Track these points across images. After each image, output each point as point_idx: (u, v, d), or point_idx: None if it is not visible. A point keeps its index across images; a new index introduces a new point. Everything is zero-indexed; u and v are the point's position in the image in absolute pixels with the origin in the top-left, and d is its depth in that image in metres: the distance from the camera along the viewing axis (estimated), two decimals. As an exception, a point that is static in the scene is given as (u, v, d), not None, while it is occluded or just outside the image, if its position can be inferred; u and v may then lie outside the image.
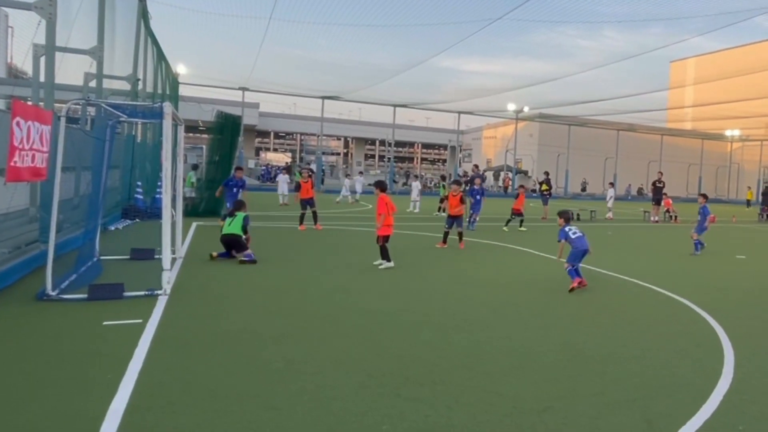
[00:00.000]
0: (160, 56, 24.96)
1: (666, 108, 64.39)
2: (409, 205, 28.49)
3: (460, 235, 15.39)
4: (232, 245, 11.89)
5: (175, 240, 11.03)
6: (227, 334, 6.67)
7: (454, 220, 15.27)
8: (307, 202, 17.92)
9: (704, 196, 17.33)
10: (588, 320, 8.13)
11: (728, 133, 60.85)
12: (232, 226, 11.99)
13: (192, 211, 19.71)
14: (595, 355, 6.55)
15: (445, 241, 15.17)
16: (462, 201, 15.53)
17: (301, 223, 17.76)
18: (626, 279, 11.58)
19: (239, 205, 12.67)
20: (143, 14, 20.17)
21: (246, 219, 12.20)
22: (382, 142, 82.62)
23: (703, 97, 63.79)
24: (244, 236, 12.00)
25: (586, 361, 6.30)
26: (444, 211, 23.20)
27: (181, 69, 36.74)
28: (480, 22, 26.32)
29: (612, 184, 30.81)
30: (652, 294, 10.28)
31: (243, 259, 11.53)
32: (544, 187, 27.65)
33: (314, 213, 17.98)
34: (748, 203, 50.91)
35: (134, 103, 14.81)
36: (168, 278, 8.46)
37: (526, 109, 50.14)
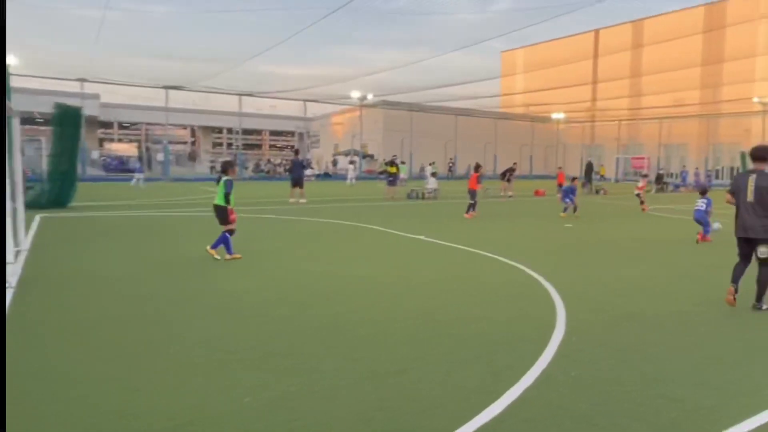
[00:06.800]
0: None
1: (499, 95, 71.77)
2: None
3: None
4: (217, 216, 10.79)
5: (17, 232, 10.92)
6: (79, 323, 6.67)
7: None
8: None
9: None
10: (438, 288, 8.75)
11: (554, 116, 66.68)
12: (217, 196, 10.69)
13: (35, 202, 19.37)
14: (445, 319, 7.06)
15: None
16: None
17: None
18: (472, 250, 12.40)
19: (225, 166, 11.20)
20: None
21: (227, 185, 10.56)
22: (230, 130, 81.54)
23: (531, 84, 70.77)
24: (227, 206, 10.59)
25: (438, 325, 6.79)
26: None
27: (11, 60, 34.96)
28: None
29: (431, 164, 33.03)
30: (494, 262, 11.15)
31: (208, 248, 10.61)
32: (392, 169, 29.11)
33: None
34: (602, 178, 55.12)
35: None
36: (13, 271, 8.46)
37: (369, 96, 52.04)
